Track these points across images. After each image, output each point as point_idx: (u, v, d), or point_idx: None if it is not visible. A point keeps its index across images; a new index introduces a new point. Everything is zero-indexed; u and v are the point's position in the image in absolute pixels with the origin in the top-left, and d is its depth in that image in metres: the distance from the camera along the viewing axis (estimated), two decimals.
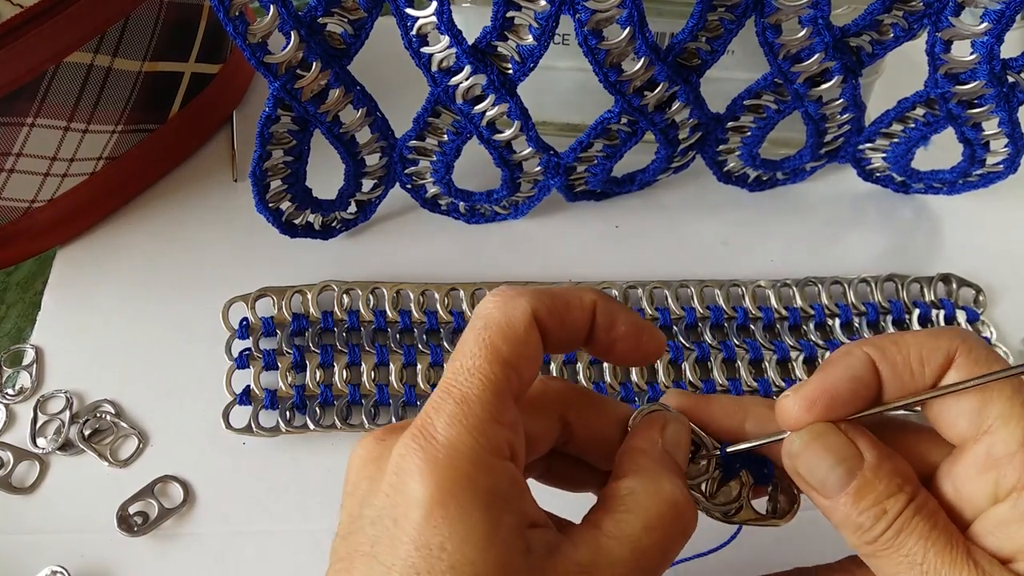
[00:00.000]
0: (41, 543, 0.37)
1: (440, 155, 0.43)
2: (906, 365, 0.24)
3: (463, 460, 0.21)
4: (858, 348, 0.24)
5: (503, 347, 0.23)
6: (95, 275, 0.45)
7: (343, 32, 0.37)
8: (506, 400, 0.23)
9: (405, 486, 0.21)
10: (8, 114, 0.39)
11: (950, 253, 0.48)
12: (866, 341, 0.25)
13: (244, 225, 0.46)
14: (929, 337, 0.24)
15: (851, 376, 0.24)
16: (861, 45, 0.39)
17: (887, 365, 0.24)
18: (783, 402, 0.25)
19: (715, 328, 0.43)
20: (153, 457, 0.40)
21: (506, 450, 0.23)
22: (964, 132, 0.42)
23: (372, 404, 0.40)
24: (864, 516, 0.23)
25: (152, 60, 0.44)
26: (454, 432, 0.22)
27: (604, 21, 0.36)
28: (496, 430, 0.22)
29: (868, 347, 0.24)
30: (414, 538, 0.21)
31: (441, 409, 0.22)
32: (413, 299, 0.43)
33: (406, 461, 0.22)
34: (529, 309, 0.24)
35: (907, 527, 0.22)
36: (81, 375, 0.42)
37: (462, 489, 0.21)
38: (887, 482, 0.23)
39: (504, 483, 0.22)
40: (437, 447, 0.22)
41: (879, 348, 0.24)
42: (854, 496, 0.23)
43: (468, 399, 0.22)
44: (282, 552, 0.37)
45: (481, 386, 0.23)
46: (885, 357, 0.24)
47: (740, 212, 0.49)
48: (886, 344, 0.24)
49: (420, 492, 0.21)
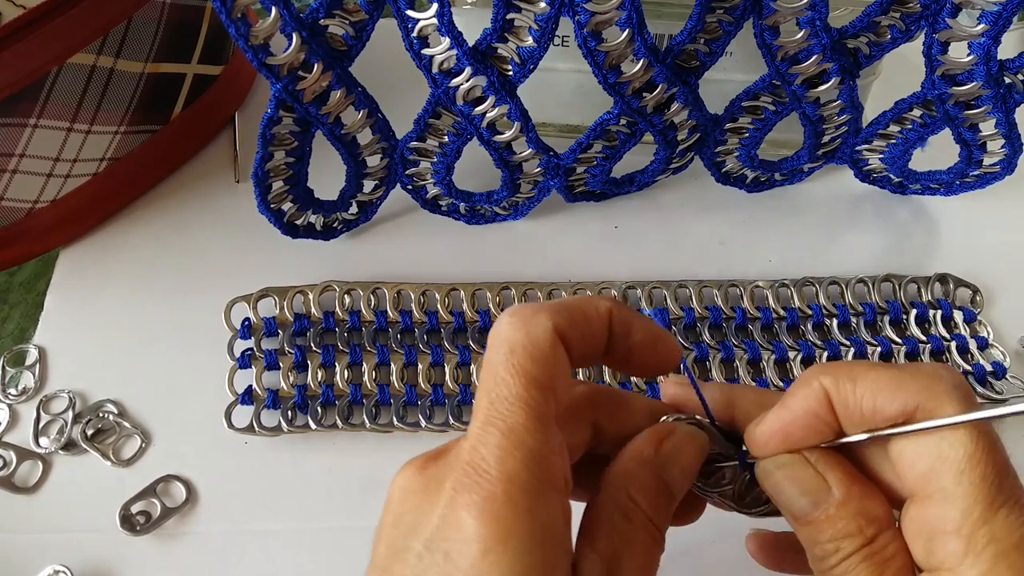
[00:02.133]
0: (44, 542, 0.37)
1: (441, 156, 0.43)
2: (856, 408, 0.23)
3: (521, 494, 0.21)
4: (815, 378, 0.23)
5: (535, 370, 0.22)
6: (98, 275, 0.46)
7: (345, 34, 0.37)
8: (550, 425, 0.22)
9: (460, 520, 0.21)
10: (11, 115, 0.39)
11: (947, 253, 0.48)
12: (825, 369, 0.24)
13: (246, 226, 0.46)
14: (891, 381, 0.23)
15: (806, 411, 0.23)
16: (859, 47, 0.40)
17: (839, 403, 0.23)
18: (749, 432, 0.25)
19: (713, 328, 0.44)
20: (155, 456, 0.40)
21: (560, 480, 0.22)
22: (961, 133, 0.43)
23: (373, 404, 0.40)
24: (819, 548, 0.23)
25: (155, 61, 0.44)
26: (508, 466, 0.21)
27: (603, 23, 0.36)
28: (550, 460, 0.22)
29: (824, 378, 0.23)
30: (468, 574, 0.20)
31: (488, 443, 0.21)
32: (414, 299, 0.43)
33: (461, 496, 0.21)
34: (551, 326, 0.23)
35: (852, 571, 0.22)
36: (84, 375, 0.42)
37: (522, 525, 0.20)
38: (847, 522, 0.23)
39: (560, 518, 0.21)
40: (493, 482, 0.21)
41: (834, 382, 0.23)
42: (815, 527, 0.23)
43: (515, 430, 0.22)
44: (284, 551, 0.37)
45: (524, 414, 0.22)
46: (838, 394, 0.23)
47: (738, 213, 0.50)
48: (841, 378, 0.23)
49: (477, 527, 0.20)
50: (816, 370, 0.24)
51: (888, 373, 0.23)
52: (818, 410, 0.23)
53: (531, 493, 0.21)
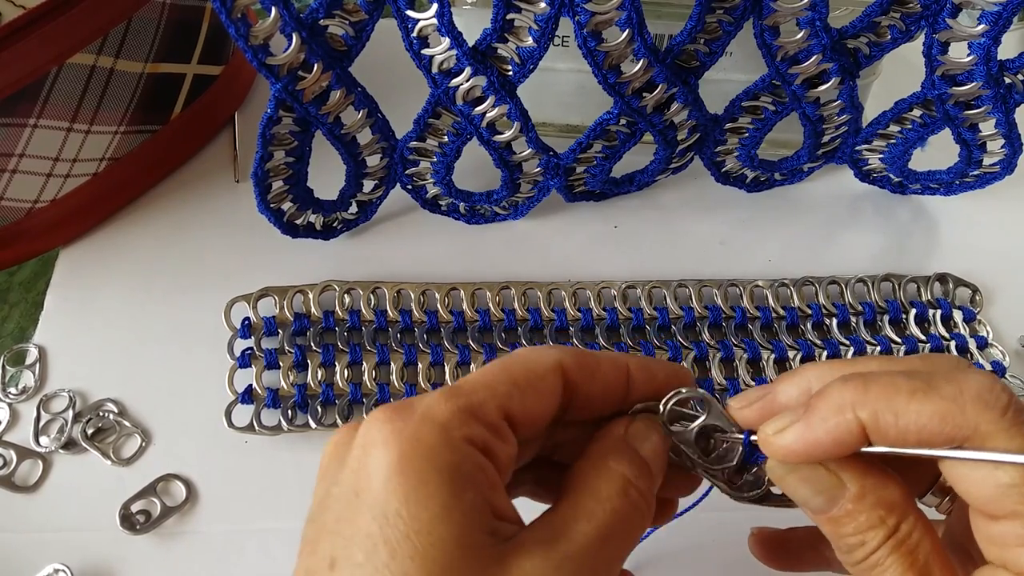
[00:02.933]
0: (44, 541, 0.37)
1: (440, 156, 0.43)
2: (899, 443, 0.21)
3: (430, 432, 0.21)
4: (851, 410, 0.22)
5: (517, 371, 0.23)
6: (98, 275, 0.46)
7: (344, 34, 0.37)
8: (498, 409, 0.23)
9: (368, 456, 0.21)
10: (11, 115, 0.39)
11: (947, 253, 0.48)
12: (863, 400, 0.22)
13: (246, 225, 0.46)
14: (936, 416, 0.21)
15: (833, 440, 0.22)
16: (859, 47, 0.40)
17: (878, 436, 0.22)
18: (762, 438, 0.24)
19: (713, 327, 0.44)
20: (155, 456, 0.40)
21: (479, 443, 0.22)
22: (961, 133, 0.43)
23: (373, 403, 0.40)
24: (844, 541, 0.23)
25: (154, 61, 0.44)
26: (431, 408, 0.22)
27: (603, 23, 0.36)
28: (476, 425, 0.22)
29: (862, 411, 0.22)
30: (372, 507, 0.21)
31: (432, 393, 0.22)
32: (414, 299, 0.43)
33: (372, 432, 0.22)
34: (556, 355, 0.24)
35: (883, 563, 0.22)
36: (84, 374, 0.42)
37: (422, 457, 0.21)
38: (868, 514, 0.22)
39: (469, 465, 0.22)
40: (406, 419, 0.21)
41: (873, 416, 0.21)
42: (835, 523, 0.23)
43: (462, 387, 0.22)
44: (284, 550, 0.37)
45: (479, 386, 0.22)
46: (878, 428, 0.21)
47: (738, 212, 0.50)
48: (882, 412, 0.21)
49: (381, 459, 0.21)
50: (851, 398, 0.22)
51: (931, 407, 0.21)
52: (848, 440, 0.22)
53: (439, 435, 0.21)
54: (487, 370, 0.24)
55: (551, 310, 0.43)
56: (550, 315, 0.43)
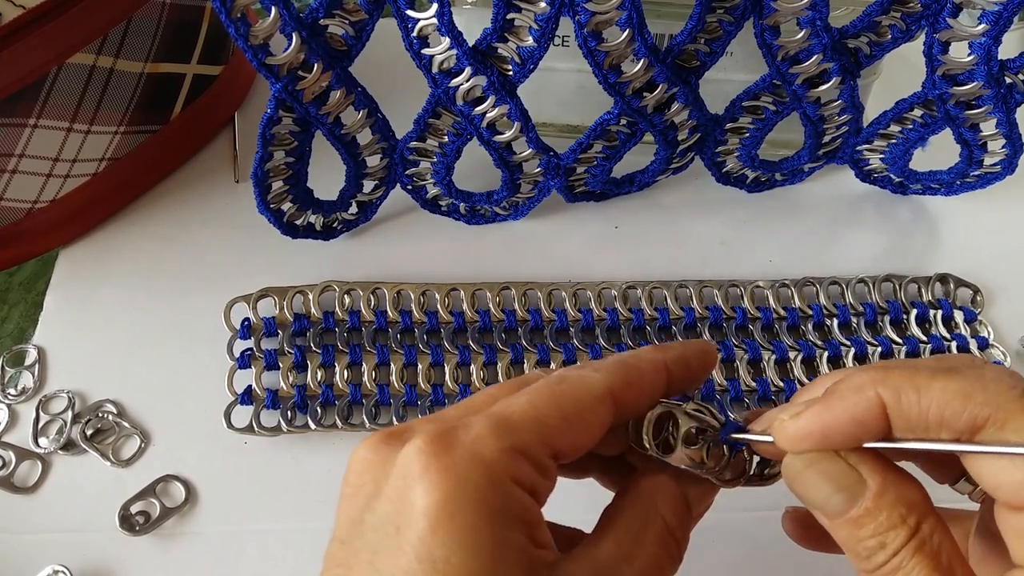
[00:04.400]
0: (43, 542, 0.37)
1: (441, 156, 0.43)
2: (920, 423, 0.21)
3: (479, 473, 0.20)
4: (871, 387, 0.22)
5: (567, 403, 0.22)
6: (97, 275, 0.46)
7: (344, 34, 0.37)
8: (546, 447, 0.22)
9: (411, 492, 0.20)
10: (11, 115, 0.39)
11: (948, 253, 0.48)
12: (883, 378, 0.22)
13: (246, 226, 0.46)
14: (959, 393, 0.21)
15: (852, 419, 0.22)
16: (859, 46, 0.40)
17: (900, 416, 0.21)
18: (778, 424, 0.23)
19: (714, 328, 0.43)
20: (155, 457, 0.40)
21: (527, 483, 0.21)
22: (962, 133, 0.43)
23: (373, 404, 0.40)
24: (862, 546, 0.22)
25: (154, 61, 0.44)
26: (481, 446, 0.21)
27: (604, 23, 0.36)
28: (525, 465, 0.21)
29: (883, 388, 0.21)
30: (417, 548, 0.20)
31: (478, 422, 0.21)
32: (414, 299, 0.43)
33: (415, 465, 0.21)
34: (606, 383, 0.23)
35: (905, 565, 0.21)
36: (83, 375, 0.42)
37: (472, 500, 0.20)
38: (888, 513, 0.22)
39: (516, 508, 0.21)
40: (453, 454, 0.21)
41: (895, 393, 0.21)
42: (854, 524, 0.22)
43: (511, 422, 0.21)
44: (283, 551, 0.37)
45: (529, 421, 0.21)
46: (899, 406, 0.21)
47: (739, 213, 0.50)
48: (905, 389, 0.21)
49: (426, 500, 0.20)
50: (872, 377, 0.22)
51: (954, 384, 0.21)
52: (868, 419, 0.22)
53: (489, 477, 0.21)
54: (536, 399, 0.23)
55: (551, 311, 0.43)
56: (550, 316, 0.43)
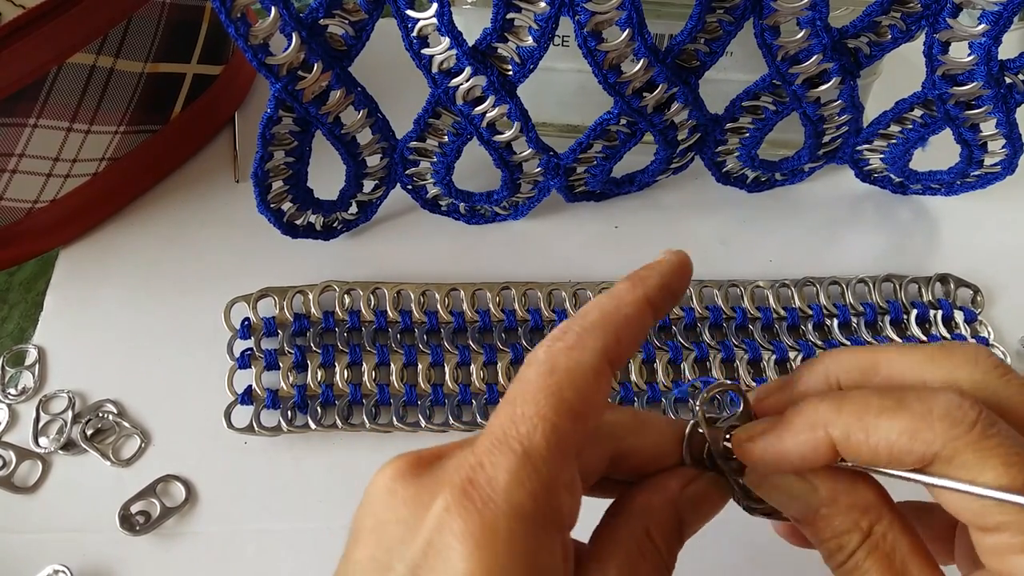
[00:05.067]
0: (43, 542, 0.37)
1: (440, 156, 0.43)
2: (871, 458, 0.22)
3: (523, 532, 0.19)
4: (822, 427, 0.22)
5: (572, 397, 0.21)
6: (97, 275, 0.46)
7: (344, 34, 0.37)
8: (570, 458, 0.20)
9: (450, 550, 0.19)
10: (11, 115, 0.39)
11: (948, 253, 0.48)
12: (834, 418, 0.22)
13: (246, 226, 0.46)
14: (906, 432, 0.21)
15: (800, 456, 0.22)
16: (859, 47, 0.40)
17: (849, 453, 0.22)
18: (735, 440, 0.24)
19: (714, 328, 0.43)
20: (155, 456, 0.40)
21: (567, 520, 0.20)
22: (962, 133, 0.43)
23: (373, 404, 0.40)
24: (824, 546, 0.23)
25: (154, 61, 0.44)
26: (516, 495, 0.19)
27: (603, 23, 0.36)
28: (561, 496, 0.20)
29: (836, 430, 0.22)
30: None
31: (498, 464, 0.20)
32: (414, 299, 0.43)
33: (455, 521, 0.19)
34: (601, 352, 0.22)
35: (861, 566, 0.22)
36: (83, 375, 0.42)
37: (517, 567, 0.19)
38: (842, 518, 0.23)
39: (560, 562, 0.20)
40: (496, 510, 0.19)
41: (844, 433, 0.22)
42: (813, 527, 0.23)
43: (532, 455, 0.20)
44: (283, 551, 0.37)
45: (546, 440, 0.20)
46: (848, 445, 0.22)
47: (739, 213, 0.50)
48: (852, 429, 0.21)
49: (467, 563, 0.18)
50: (824, 415, 0.22)
51: (900, 422, 0.21)
52: (817, 455, 0.22)
53: (533, 533, 0.19)
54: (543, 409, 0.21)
55: (552, 311, 0.43)
56: (550, 316, 0.43)
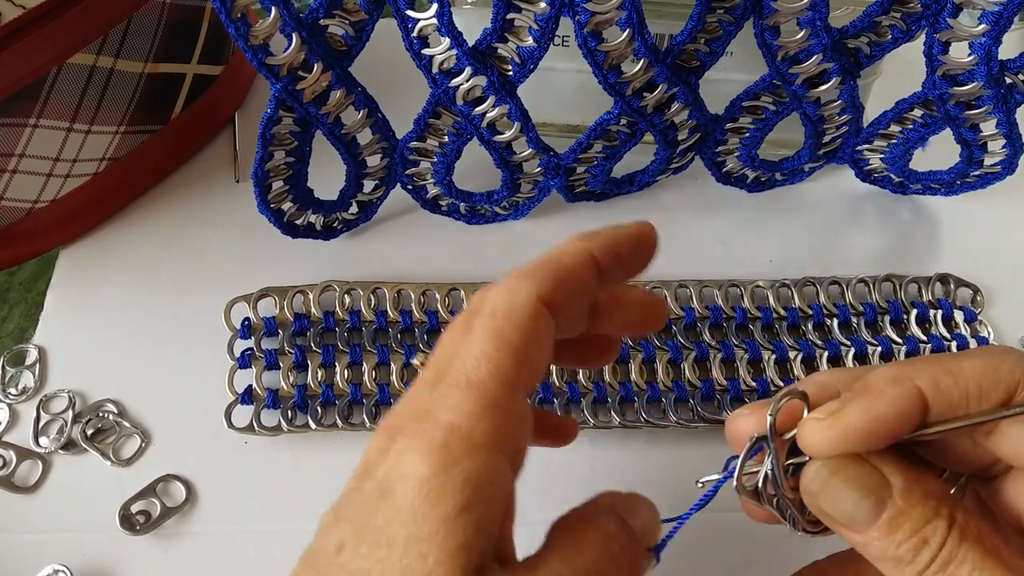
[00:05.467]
0: (43, 542, 0.37)
1: (441, 156, 0.43)
2: (963, 401, 0.21)
3: (464, 448, 0.21)
4: (909, 380, 0.22)
5: (513, 335, 0.22)
6: (98, 275, 0.46)
7: (344, 34, 0.37)
8: (517, 391, 0.22)
9: (403, 462, 0.21)
10: (11, 115, 0.39)
11: (948, 253, 0.48)
12: (918, 369, 0.22)
13: (246, 225, 0.46)
14: (987, 366, 0.22)
15: (897, 412, 0.22)
16: (859, 47, 0.40)
17: (941, 400, 0.22)
18: (811, 426, 0.22)
19: (714, 328, 0.43)
20: (155, 456, 0.40)
21: (508, 444, 0.21)
22: (962, 133, 0.43)
23: (373, 403, 0.40)
24: (903, 549, 0.21)
25: (154, 61, 0.44)
26: (458, 419, 0.21)
27: (603, 23, 0.36)
28: (507, 425, 0.21)
29: (921, 380, 0.22)
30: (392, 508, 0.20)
31: (447, 394, 0.21)
32: (414, 299, 0.43)
33: (410, 442, 0.21)
34: (535, 292, 0.23)
35: (956, 556, 0.20)
36: (84, 375, 0.42)
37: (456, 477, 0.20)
38: (922, 508, 0.21)
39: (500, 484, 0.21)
40: (441, 431, 0.21)
41: (933, 381, 0.22)
42: (888, 528, 0.21)
43: (474, 385, 0.21)
44: (284, 551, 0.37)
45: (491, 374, 0.21)
46: (939, 391, 0.22)
47: (739, 213, 0.50)
48: (940, 375, 0.22)
49: (417, 468, 0.20)
50: (904, 369, 0.22)
51: (979, 360, 0.22)
52: (911, 411, 0.22)
53: (474, 450, 0.21)
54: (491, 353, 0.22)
55: None
56: None
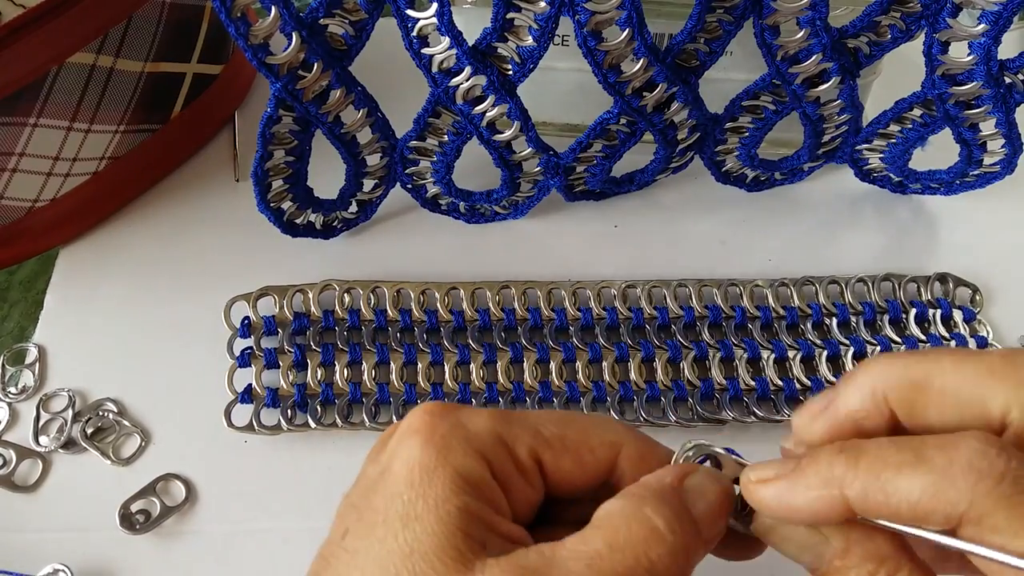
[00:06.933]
0: (43, 541, 0.37)
1: (440, 155, 0.43)
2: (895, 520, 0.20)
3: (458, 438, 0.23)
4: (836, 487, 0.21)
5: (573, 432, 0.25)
6: (97, 274, 0.46)
7: (344, 33, 0.37)
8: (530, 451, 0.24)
9: (401, 444, 0.24)
10: (11, 114, 0.39)
11: (947, 253, 0.48)
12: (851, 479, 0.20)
13: (246, 224, 0.46)
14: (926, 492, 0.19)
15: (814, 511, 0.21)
16: (859, 46, 0.40)
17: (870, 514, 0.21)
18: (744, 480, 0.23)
19: (713, 327, 0.44)
20: (155, 455, 0.40)
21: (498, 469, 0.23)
22: (961, 133, 0.43)
23: (373, 403, 0.40)
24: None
25: (154, 61, 0.44)
26: (471, 418, 0.24)
27: (603, 22, 0.36)
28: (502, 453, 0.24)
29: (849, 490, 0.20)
30: (387, 487, 0.23)
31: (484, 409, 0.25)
32: (413, 298, 0.43)
33: (413, 422, 0.24)
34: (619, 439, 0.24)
35: None
36: (83, 373, 0.42)
37: (439, 454, 0.23)
38: (857, 570, 0.21)
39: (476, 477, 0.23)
40: (446, 419, 0.24)
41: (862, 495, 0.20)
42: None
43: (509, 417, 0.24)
44: (283, 550, 0.37)
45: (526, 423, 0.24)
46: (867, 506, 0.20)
47: (738, 212, 0.50)
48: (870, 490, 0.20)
49: (410, 449, 0.23)
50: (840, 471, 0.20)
51: (921, 480, 0.19)
52: (830, 514, 0.21)
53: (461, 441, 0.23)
54: (549, 414, 0.25)
55: (551, 309, 0.43)
56: (550, 315, 0.43)
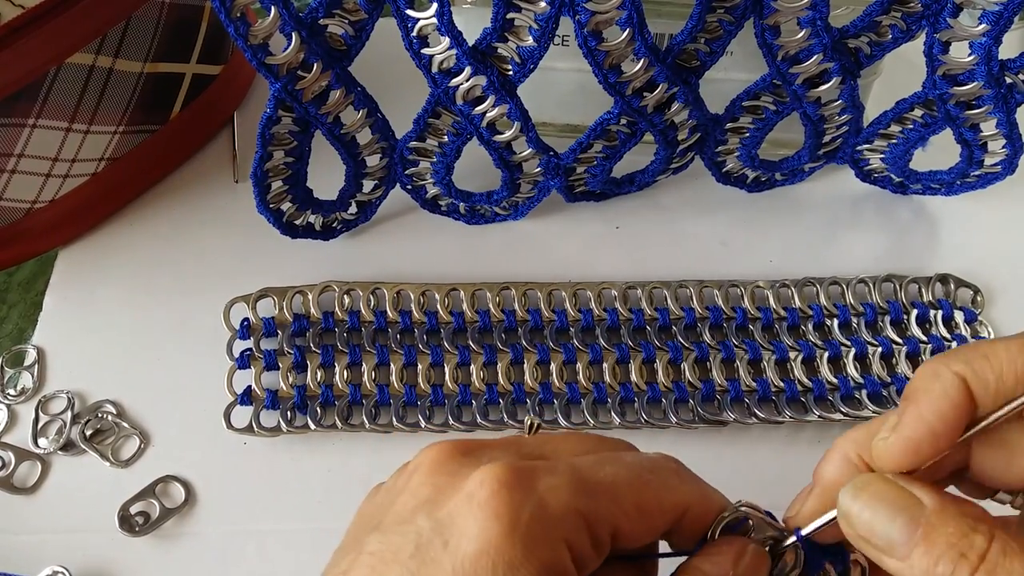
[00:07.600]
0: (43, 543, 0.37)
1: (440, 156, 0.43)
2: (1000, 382, 0.21)
3: (540, 523, 0.21)
4: (944, 369, 0.22)
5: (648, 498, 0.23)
6: (96, 276, 0.46)
7: (344, 33, 0.37)
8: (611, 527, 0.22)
9: (472, 515, 0.21)
10: (10, 115, 0.39)
11: (948, 253, 0.48)
12: (949, 359, 0.22)
13: (245, 226, 0.46)
14: (1021, 347, 0.21)
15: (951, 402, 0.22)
16: (859, 46, 0.40)
17: (979, 384, 0.21)
18: (880, 446, 0.22)
19: (714, 328, 0.43)
20: (154, 457, 0.40)
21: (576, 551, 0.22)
22: (962, 133, 0.43)
23: (373, 404, 0.40)
24: (943, 566, 0.20)
25: (153, 61, 0.44)
26: (553, 498, 0.21)
27: (604, 22, 0.36)
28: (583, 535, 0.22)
29: (956, 365, 0.22)
30: (455, 569, 0.20)
31: (555, 469, 0.22)
32: (413, 299, 0.43)
33: (486, 490, 0.21)
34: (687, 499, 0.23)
35: (1003, 563, 0.19)
36: (82, 375, 0.42)
37: (523, 545, 0.20)
38: (957, 522, 0.20)
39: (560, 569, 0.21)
40: (526, 493, 0.21)
41: (967, 365, 0.22)
42: (924, 544, 0.20)
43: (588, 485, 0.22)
44: (283, 551, 0.37)
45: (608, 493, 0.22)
46: (976, 375, 0.21)
47: (739, 213, 0.50)
48: (973, 359, 0.22)
49: (484, 527, 0.20)
50: (939, 362, 0.22)
51: (1014, 341, 0.22)
52: (959, 397, 0.22)
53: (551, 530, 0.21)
54: (623, 478, 0.23)
55: (551, 311, 0.43)
56: (550, 316, 0.43)
